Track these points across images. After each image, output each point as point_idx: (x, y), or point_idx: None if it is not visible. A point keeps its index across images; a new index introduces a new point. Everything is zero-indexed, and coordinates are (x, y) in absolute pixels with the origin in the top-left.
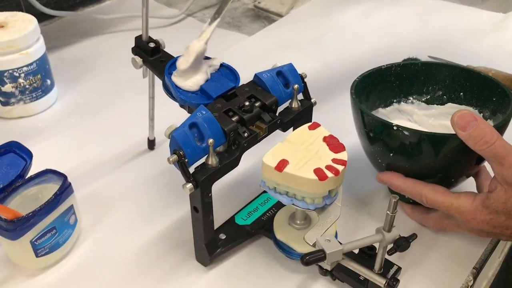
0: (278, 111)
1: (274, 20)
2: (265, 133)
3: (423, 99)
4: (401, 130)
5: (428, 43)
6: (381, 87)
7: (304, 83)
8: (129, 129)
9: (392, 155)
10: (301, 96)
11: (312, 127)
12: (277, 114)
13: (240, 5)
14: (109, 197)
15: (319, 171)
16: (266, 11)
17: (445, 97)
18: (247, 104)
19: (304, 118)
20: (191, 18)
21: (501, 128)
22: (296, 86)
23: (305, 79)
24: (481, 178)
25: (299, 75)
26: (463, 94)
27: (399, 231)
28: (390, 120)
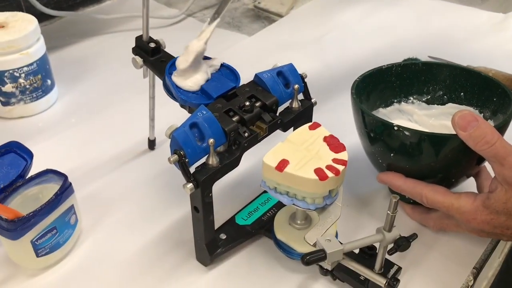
0: (278, 111)
1: (274, 20)
2: (265, 133)
3: (424, 99)
4: (401, 130)
5: (428, 43)
6: (382, 87)
7: (304, 83)
8: (130, 129)
9: (392, 155)
10: (301, 96)
11: (312, 127)
12: (277, 114)
13: (240, 5)
14: (110, 197)
15: (319, 171)
16: (266, 11)
17: (445, 97)
18: (247, 104)
19: (304, 118)
20: (191, 18)
21: (501, 128)
22: (296, 86)
23: (306, 79)
24: (481, 178)
25: (300, 75)
26: (464, 94)
27: (399, 231)
28: (390, 120)
